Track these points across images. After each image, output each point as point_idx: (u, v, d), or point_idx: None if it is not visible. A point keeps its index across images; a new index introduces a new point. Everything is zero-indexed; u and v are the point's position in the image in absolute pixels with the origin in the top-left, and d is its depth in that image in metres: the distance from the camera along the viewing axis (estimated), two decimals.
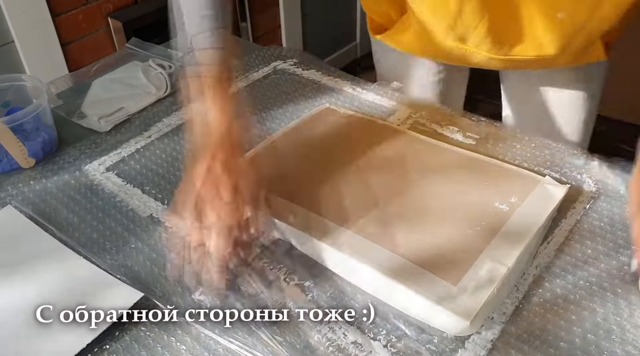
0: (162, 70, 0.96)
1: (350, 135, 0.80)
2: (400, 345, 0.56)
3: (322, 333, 0.57)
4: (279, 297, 0.60)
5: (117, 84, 0.94)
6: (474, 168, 0.72)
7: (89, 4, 1.59)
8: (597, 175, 0.75)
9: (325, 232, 0.63)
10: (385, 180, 0.71)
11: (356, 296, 0.61)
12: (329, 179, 0.71)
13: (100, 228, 0.69)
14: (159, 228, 0.69)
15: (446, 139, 0.81)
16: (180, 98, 0.92)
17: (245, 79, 0.97)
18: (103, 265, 0.64)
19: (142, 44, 1.07)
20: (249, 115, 0.69)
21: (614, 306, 0.59)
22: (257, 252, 0.66)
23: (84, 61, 1.58)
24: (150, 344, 0.57)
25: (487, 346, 0.55)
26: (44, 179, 0.77)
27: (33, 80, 0.83)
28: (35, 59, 1.50)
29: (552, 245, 0.65)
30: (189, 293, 0.60)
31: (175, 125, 0.86)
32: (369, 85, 0.94)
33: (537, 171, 0.75)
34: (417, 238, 0.62)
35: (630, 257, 0.63)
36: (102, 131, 0.86)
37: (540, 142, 0.80)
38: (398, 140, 0.78)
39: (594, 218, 0.69)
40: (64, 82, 0.98)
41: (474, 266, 0.59)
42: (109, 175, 0.78)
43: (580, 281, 0.61)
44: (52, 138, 0.82)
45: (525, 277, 0.62)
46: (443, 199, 0.67)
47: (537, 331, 0.57)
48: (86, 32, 1.62)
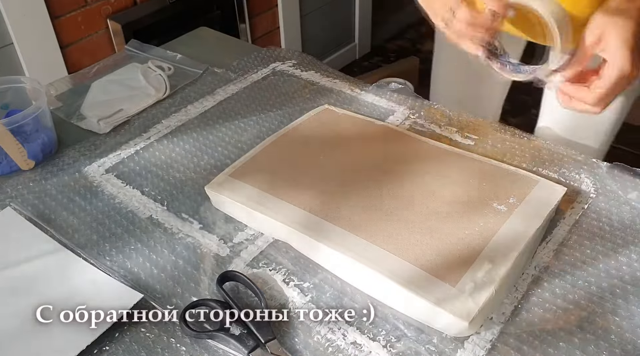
0: (162, 72, 0.96)
1: (349, 136, 0.80)
2: (399, 346, 0.56)
3: (322, 334, 0.57)
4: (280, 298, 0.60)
5: (116, 86, 0.94)
6: (472, 169, 0.72)
7: (88, 5, 1.59)
8: (595, 176, 0.75)
9: (325, 233, 0.63)
10: (384, 181, 0.71)
11: (356, 296, 0.61)
12: (327, 180, 0.71)
13: (100, 230, 0.70)
14: (158, 229, 0.69)
15: (445, 140, 0.81)
16: (178, 100, 0.92)
17: (244, 80, 0.97)
18: (102, 267, 0.64)
19: (142, 46, 1.07)
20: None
21: (612, 306, 0.59)
22: (256, 254, 0.66)
23: (83, 63, 1.58)
24: (150, 345, 0.57)
25: (487, 346, 0.55)
26: (44, 181, 0.77)
27: (32, 82, 0.83)
28: (35, 61, 1.50)
29: (550, 245, 0.66)
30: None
31: (174, 127, 0.87)
32: (368, 86, 0.94)
33: (536, 171, 0.75)
34: (415, 239, 0.62)
35: (627, 257, 0.63)
36: (102, 133, 0.86)
37: (539, 142, 0.80)
38: (396, 141, 0.78)
39: (593, 219, 0.69)
40: (63, 84, 0.98)
41: (472, 267, 0.59)
42: (109, 177, 0.78)
43: (579, 281, 0.61)
44: (51, 140, 0.82)
45: (524, 277, 0.62)
46: (441, 200, 0.68)
47: (536, 331, 0.57)
48: (85, 34, 1.62)
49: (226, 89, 0.95)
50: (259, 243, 0.67)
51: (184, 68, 1.00)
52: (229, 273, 0.62)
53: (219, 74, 0.99)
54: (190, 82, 0.97)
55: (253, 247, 0.67)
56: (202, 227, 0.69)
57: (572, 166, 0.76)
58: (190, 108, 0.91)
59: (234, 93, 0.94)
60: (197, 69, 0.99)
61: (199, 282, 0.63)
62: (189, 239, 0.68)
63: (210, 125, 0.87)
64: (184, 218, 0.71)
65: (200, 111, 0.90)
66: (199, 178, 0.77)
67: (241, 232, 0.69)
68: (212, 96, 0.93)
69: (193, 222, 0.70)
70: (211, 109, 0.90)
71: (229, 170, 0.74)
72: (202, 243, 0.67)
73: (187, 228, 0.69)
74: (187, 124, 0.87)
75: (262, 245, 0.67)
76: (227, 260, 0.65)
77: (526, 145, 0.80)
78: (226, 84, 0.96)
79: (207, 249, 0.67)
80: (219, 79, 0.98)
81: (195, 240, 0.68)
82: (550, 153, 0.78)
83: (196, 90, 0.95)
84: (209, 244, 0.67)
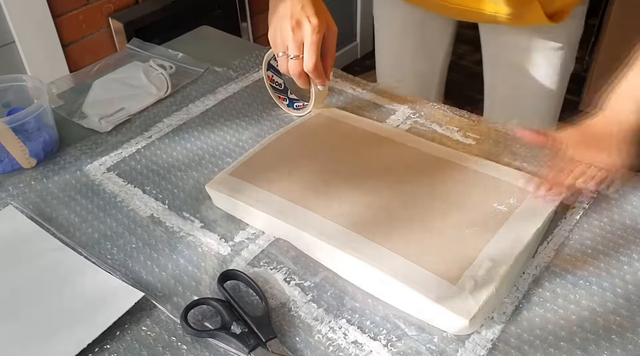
0: (163, 71, 0.96)
1: (350, 135, 0.80)
2: (400, 345, 0.56)
3: (323, 333, 0.57)
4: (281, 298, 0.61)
5: (117, 84, 0.95)
6: (472, 169, 0.72)
7: (89, 4, 1.60)
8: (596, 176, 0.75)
9: (326, 231, 0.63)
10: (386, 180, 0.71)
11: (356, 296, 0.61)
12: (329, 180, 0.71)
13: (101, 228, 0.70)
14: (159, 228, 0.69)
15: (446, 139, 0.81)
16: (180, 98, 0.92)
17: (246, 79, 0.97)
18: (103, 265, 0.64)
19: (143, 44, 1.07)
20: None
21: (613, 306, 0.59)
22: (258, 252, 0.66)
23: (84, 61, 1.58)
24: (151, 344, 0.57)
25: (487, 346, 0.55)
26: (45, 179, 0.77)
27: (34, 80, 0.83)
28: (36, 60, 1.50)
29: (551, 245, 0.66)
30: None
31: (176, 126, 0.87)
32: (369, 86, 0.94)
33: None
34: (416, 238, 0.62)
35: (622, 273, 0.63)
36: (103, 131, 0.86)
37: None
38: (397, 141, 0.78)
39: (594, 218, 0.69)
40: (64, 83, 0.98)
41: (473, 265, 0.59)
42: (110, 175, 0.78)
43: (579, 281, 0.61)
44: (53, 138, 0.82)
45: (525, 277, 0.62)
46: (442, 199, 0.68)
47: (537, 331, 0.57)
48: (87, 33, 1.62)
49: (227, 87, 0.95)
50: (260, 242, 0.67)
51: (186, 67, 1.00)
52: (230, 272, 0.62)
53: (221, 73, 0.99)
54: (192, 81, 0.97)
55: (254, 245, 0.67)
56: (203, 225, 0.70)
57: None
58: (191, 107, 0.91)
59: (235, 92, 0.94)
60: (199, 68, 0.99)
61: (200, 281, 0.63)
62: (190, 238, 0.68)
63: (212, 123, 0.87)
64: (185, 217, 0.71)
65: (202, 110, 0.90)
66: (200, 177, 0.77)
67: (242, 230, 0.69)
68: (214, 95, 0.93)
69: (194, 220, 0.70)
70: (212, 108, 0.91)
71: (229, 169, 0.74)
72: (203, 241, 0.67)
73: (188, 226, 0.69)
74: (189, 123, 0.87)
75: (263, 243, 0.67)
76: (228, 259, 0.65)
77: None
78: (227, 83, 0.96)
79: (208, 248, 0.67)
80: (220, 78, 0.98)
81: (197, 238, 0.68)
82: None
83: (197, 88, 0.95)
84: (210, 243, 0.67)
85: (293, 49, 0.75)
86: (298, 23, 0.74)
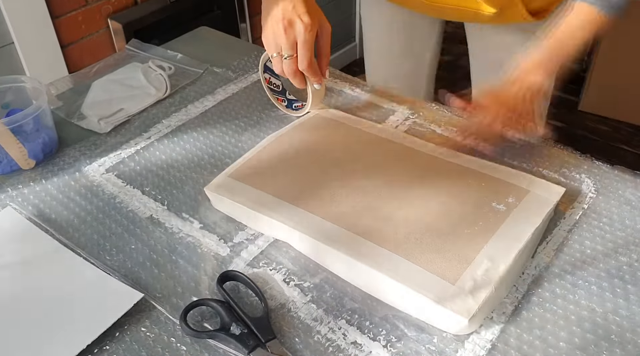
0: (162, 72, 0.96)
1: (349, 136, 0.80)
2: (400, 345, 0.56)
3: (322, 333, 0.57)
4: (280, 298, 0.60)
5: (116, 85, 0.95)
6: (471, 169, 0.72)
7: (88, 5, 1.59)
8: (596, 175, 0.75)
9: (324, 232, 0.63)
10: (384, 180, 0.71)
11: (356, 296, 0.61)
12: (327, 180, 0.71)
13: (100, 229, 0.70)
14: (158, 229, 0.69)
15: (445, 140, 0.81)
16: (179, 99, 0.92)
17: (245, 80, 0.97)
18: (103, 266, 0.64)
19: (142, 45, 1.07)
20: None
21: (613, 306, 0.59)
22: (257, 253, 0.66)
23: (83, 62, 1.58)
24: (150, 345, 0.57)
25: (487, 346, 0.55)
26: (44, 180, 0.77)
27: (33, 81, 0.83)
28: (35, 61, 1.50)
29: (551, 245, 0.66)
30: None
31: (175, 126, 0.87)
32: (368, 86, 0.94)
33: (536, 171, 0.75)
34: (415, 238, 0.62)
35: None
36: (102, 132, 0.86)
37: (540, 142, 0.80)
38: (396, 142, 0.78)
39: (593, 218, 0.69)
40: (63, 84, 0.98)
41: (472, 265, 0.59)
42: (109, 176, 0.78)
43: (579, 281, 0.61)
44: (52, 139, 0.82)
45: (524, 277, 0.62)
46: (441, 200, 0.68)
47: (536, 331, 0.57)
48: (86, 34, 1.62)
49: (226, 88, 0.95)
50: (260, 243, 0.67)
51: (185, 67, 1.00)
52: (229, 272, 0.62)
53: (220, 74, 0.99)
54: (191, 82, 0.97)
55: (253, 246, 0.67)
56: (202, 226, 0.70)
57: (572, 166, 0.76)
58: (190, 107, 0.91)
59: (234, 93, 0.94)
60: (198, 69, 0.99)
61: (200, 282, 0.63)
62: (189, 239, 0.68)
63: (211, 124, 0.87)
64: (185, 218, 0.71)
65: (201, 111, 0.90)
66: (199, 178, 0.77)
67: (241, 231, 0.69)
68: (213, 96, 0.93)
69: (193, 221, 0.70)
70: (211, 109, 0.90)
71: (228, 171, 0.74)
72: (203, 242, 0.67)
73: (187, 227, 0.69)
74: (188, 124, 0.87)
75: (262, 244, 0.67)
76: (227, 260, 0.65)
77: (526, 145, 0.80)
78: (226, 84, 0.96)
79: (207, 249, 0.67)
80: (220, 79, 0.98)
81: (196, 239, 0.68)
82: (551, 153, 0.78)
83: (196, 89, 0.95)
84: (209, 244, 0.67)
85: (286, 48, 0.75)
86: (290, 23, 0.74)
